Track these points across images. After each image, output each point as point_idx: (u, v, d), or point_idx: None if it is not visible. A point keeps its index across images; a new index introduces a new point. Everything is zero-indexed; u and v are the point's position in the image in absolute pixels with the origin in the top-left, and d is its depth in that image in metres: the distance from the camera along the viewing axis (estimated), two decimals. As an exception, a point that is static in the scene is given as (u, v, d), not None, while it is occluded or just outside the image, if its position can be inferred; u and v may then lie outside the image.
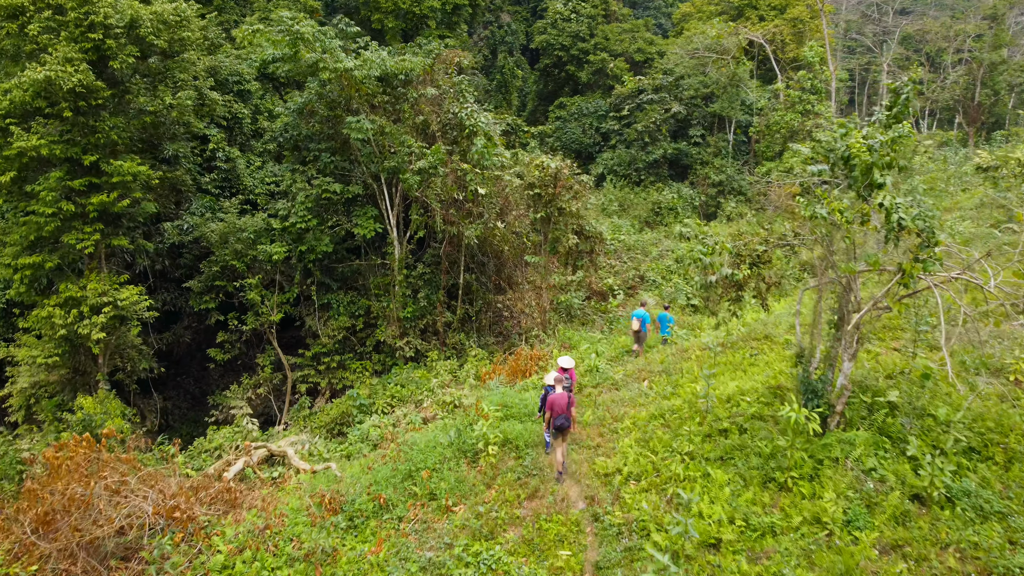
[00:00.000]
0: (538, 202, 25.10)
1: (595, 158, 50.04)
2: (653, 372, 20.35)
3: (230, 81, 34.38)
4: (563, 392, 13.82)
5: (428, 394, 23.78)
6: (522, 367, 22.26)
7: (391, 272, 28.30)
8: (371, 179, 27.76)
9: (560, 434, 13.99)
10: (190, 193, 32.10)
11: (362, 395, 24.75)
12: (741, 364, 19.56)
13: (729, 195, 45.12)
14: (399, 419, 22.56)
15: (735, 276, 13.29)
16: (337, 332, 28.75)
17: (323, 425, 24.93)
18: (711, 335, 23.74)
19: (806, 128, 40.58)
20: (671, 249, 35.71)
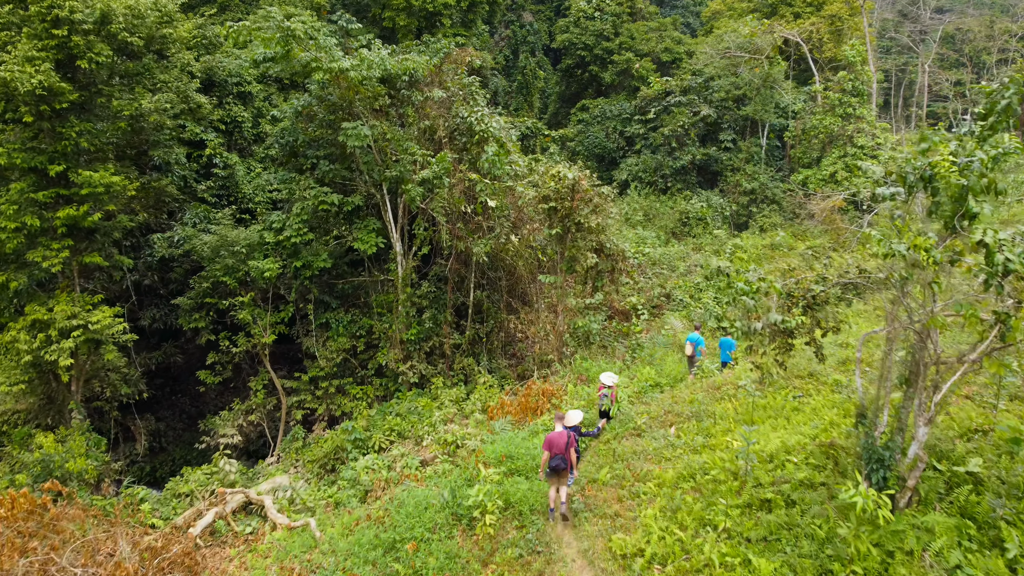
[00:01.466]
0: (553, 216, 22.65)
1: (619, 164, 47.44)
2: (681, 415, 17.81)
3: (229, 83, 32.31)
4: (563, 431, 13.11)
5: (429, 430, 21.43)
6: (532, 404, 19.82)
7: (395, 289, 26.00)
8: (374, 189, 25.48)
9: (556, 475, 13.17)
10: (185, 202, 30.09)
11: (358, 428, 22.47)
12: (783, 410, 16.97)
13: (762, 204, 42.28)
14: (395, 460, 20.25)
15: (786, 324, 10.75)
16: (336, 354, 26.51)
17: (315, 460, 22.69)
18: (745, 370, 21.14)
19: (847, 133, 37.72)
20: (700, 264, 33.05)
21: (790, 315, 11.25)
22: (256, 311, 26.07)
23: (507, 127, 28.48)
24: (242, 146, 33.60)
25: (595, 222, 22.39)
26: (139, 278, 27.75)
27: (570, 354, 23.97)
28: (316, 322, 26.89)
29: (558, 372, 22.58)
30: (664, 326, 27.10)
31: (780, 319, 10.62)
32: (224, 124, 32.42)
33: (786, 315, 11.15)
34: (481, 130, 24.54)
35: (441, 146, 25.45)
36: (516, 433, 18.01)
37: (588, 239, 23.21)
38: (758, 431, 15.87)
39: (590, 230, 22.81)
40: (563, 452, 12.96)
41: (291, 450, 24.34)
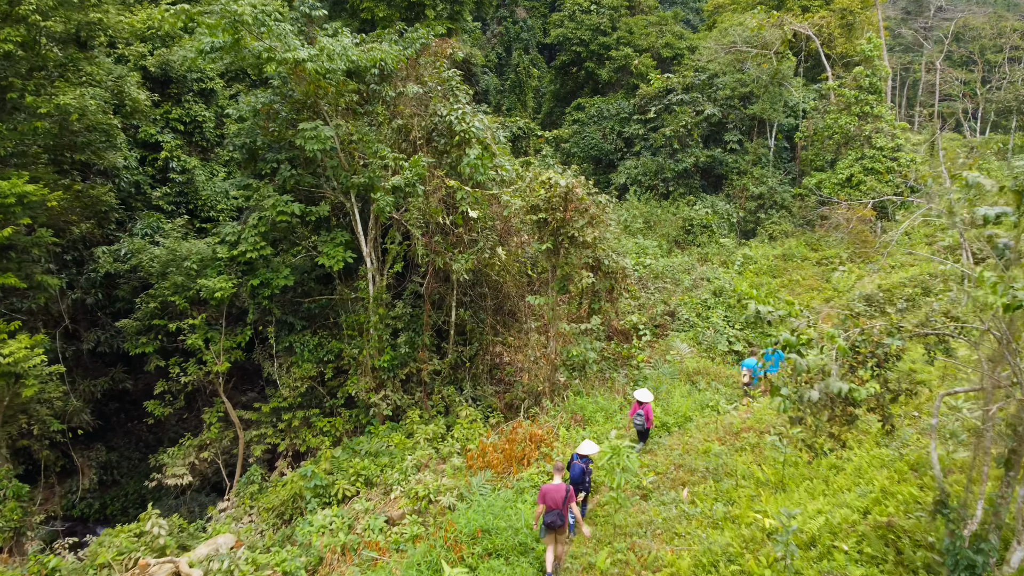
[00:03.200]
0: (543, 229, 19.71)
1: (616, 166, 44.49)
2: (694, 472, 14.87)
3: (188, 79, 29.31)
4: (560, 483, 11.72)
5: (400, 478, 18.47)
6: (518, 452, 16.86)
7: (366, 309, 23.02)
8: (342, 198, 22.51)
9: (552, 532, 11.89)
10: (138, 211, 27.13)
11: (319, 473, 19.50)
12: (819, 467, 14.05)
13: (771, 210, 39.38)
14: (358, 516, 17.29)
15: (854, 395, 7.80)
16: (301, 382, 23.50)
17: (271, 508, 19.79)
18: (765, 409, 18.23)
19: (864, 134, 34.82)
20: (707, 277, 30.10)
21: (855, 377, 8.33)
22: (210, 334, 23.08)
23: (493, 127, 25.53)
24: (204, 148, 30.62)
25: (591, 236, 19.46)
26: (81, 296, 24.71)
27: (563, 385, 21.02)
28: (278, 346, 23.89)
29: (548, 410, 19.61)
30: (669, 350, 24.15)
31: (846, 388, 7.68)
32: (183, 124, 29.43)
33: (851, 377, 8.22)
34: (462, 130, 21.59)
35: (417, 149, 22.49)
36: (497, 493, 15.06)
37: (583, 255, 20.27)
38: (792, 498, 12.97)
39: (585, 244, 19.87)
40: (559, 507, 11.54)
41: (246, 494, 21.38)
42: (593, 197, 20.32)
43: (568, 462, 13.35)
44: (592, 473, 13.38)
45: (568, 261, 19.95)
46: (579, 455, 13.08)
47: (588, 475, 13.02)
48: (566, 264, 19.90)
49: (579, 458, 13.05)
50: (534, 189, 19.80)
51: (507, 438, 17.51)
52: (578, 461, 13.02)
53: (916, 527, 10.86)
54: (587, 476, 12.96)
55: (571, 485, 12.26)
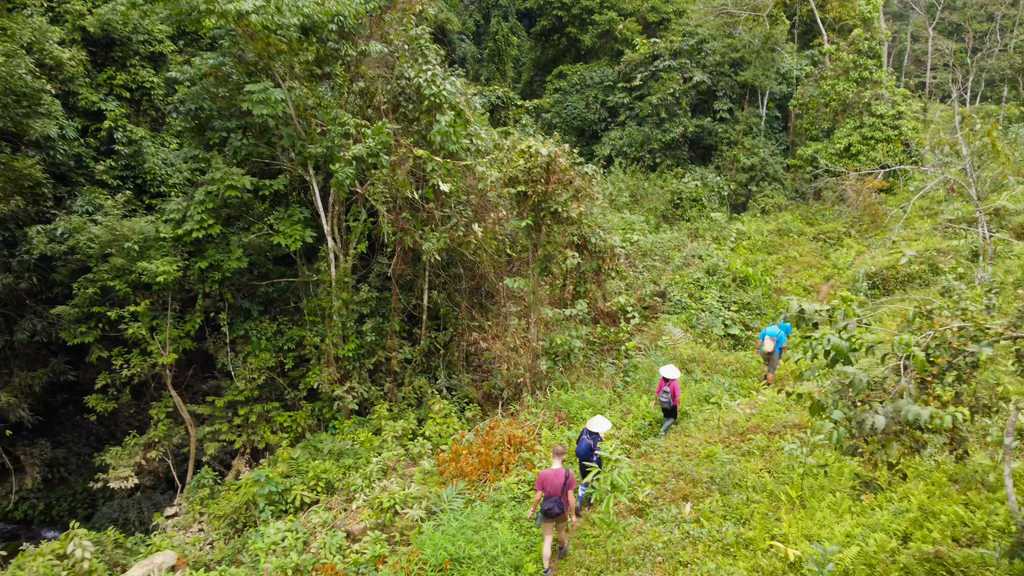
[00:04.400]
0: (523, 203, 17.61)
1: (600, 137, 42.25)
2: (697, 483, 12.96)
3: (134, 41, 26.73)
4: (559, 468, 11.02)
5: (363, 484, 16.48)
6: (495, 457, 14.89)
7: (329, 293, 20.89)
8: (301, 170, 20.27)
9: (549, 520, 11.19)
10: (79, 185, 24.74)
11: (274, 478, 17.47)
12: (838, 479, 12.18)
13: (762, 182, 37.41)
14: (315, 531, 15.32)
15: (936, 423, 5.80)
16: (258, 373, 21.40)
17: (223, 516, 17.76)
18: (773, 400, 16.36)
19: (863, 100, 32.85)
20: (699, 254, 28.15)
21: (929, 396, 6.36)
22: (156, 322, 20.86)
23: (468, 93, 23.31)
24: (154, 118, 28.12)
25: (576, 211, 17.39)
26: (14, 280, 22.34)
27: (545, 375, 19.04)
28: (232, 334, 21.71)
29: (529, 407, 17.62)
30: (661, 335, 22.21)
31: (926, 414, 5.69)
32: (129, 91, 26.90)
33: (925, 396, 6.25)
34: (432, 94, 19.36)
35: (383, 116, 20.25)
36: (470, 510, 13.09)
37: (567, 232, 18.22)
38: (814, 517, 11.11)
39: (570, 221, 17.81)
40: (558, 494, 10.85)
41: (195, 500, 19.33)
42: (578, 168, 18.22)
43: (578, 438, 12.89)
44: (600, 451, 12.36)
45: (550, 239, 17.89)
46: (588, 431, 12.56)
47: (596, 452, 12.23)
48: (548, 243, 17.84)
49: (588, 434, 12.54)
50: (513, 159, 17.67)
51: (483, 440, 15.52)
52: (587, 437, 12.53)
53: (972, 561, 9.04)
54: (595, 453, 12.26)
55: (580, 459, 12.37)
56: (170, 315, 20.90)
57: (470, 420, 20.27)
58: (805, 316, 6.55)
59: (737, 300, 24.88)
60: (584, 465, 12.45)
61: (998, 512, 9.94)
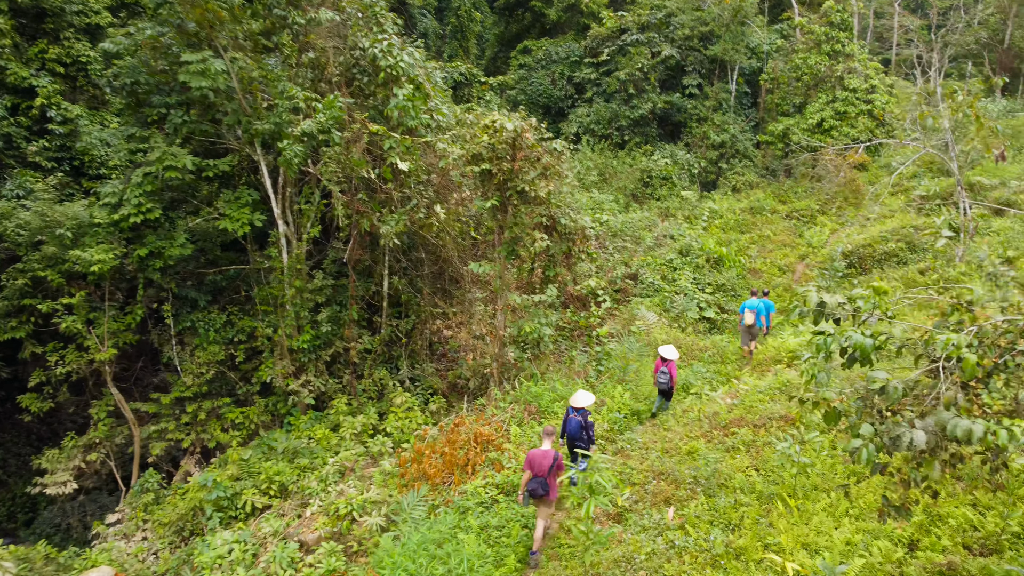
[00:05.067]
0: (488, 182, 16.39)
1: (567, 114, 41.01)
2: (680, 483, 11.96)
3: (67, 11, 24.84)
4: (547, 449, 10.71)
5: (319, 488, 15.28)
6: (461, 458, 13.77)
7: (281, 281, 19.52)
8: (248, 149, 18.80)
9: (535, 502, 10.86)
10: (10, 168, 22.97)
11: (222, 482, 16.20)
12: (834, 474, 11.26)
13: (733, 159, 36.55)
14: (266, 541, 14.11)
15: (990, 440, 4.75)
16: (206, 367, 19.99)
17: (168, 524, 16.47)
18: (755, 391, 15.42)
19: (835, 74, 32.02)
20: (670, 234, 27.18)
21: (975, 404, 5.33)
22: (93, 315, 19.32)
23: (427, 65, 21.95)
24: (92, 95, 26.29)
25: (544, 190, 16.22)
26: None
27: (513, 365, 17.93)
28: (178, 326, 20.24)
29: (497, 400, 16.48)
30: (634, 319, 21.22)
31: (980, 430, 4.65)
32: (63, 66, 25.05)
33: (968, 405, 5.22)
34: (388, 66, 17.98)
35: (335, 89, 18.82)
36: (434, 519, 11.97)
37: (535, 213, 17.05)
38: (809, 522, 10.17)
39: (538, 200, 16.64)
40: (544, 475, 10.51)
41: (140, 505, 17.95)
42: (546, 144, 17.03)
43: (564, 418, 12.32)
44: (594, 426, 12.16)
45: (517, 220, 16.71)
46: (573, 408, 12.03)
47: (589, 428, 11.91)
48: (515, 224, 16.66)
49: (573, 411, 12.02)
50: (476, 135, 16.42)
51: (447, 438, 14.38)
52: (573, 415, 11.99)
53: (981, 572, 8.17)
54: (586, 430, 11.89)
55: (569, 439, 11.93)
56: (108, 307, 19.35)
57: (434, 413, 19.15)
58: (826, 310, 5.48)
59: (711, 281, 23.99)
60: (576, 445, 11.97)
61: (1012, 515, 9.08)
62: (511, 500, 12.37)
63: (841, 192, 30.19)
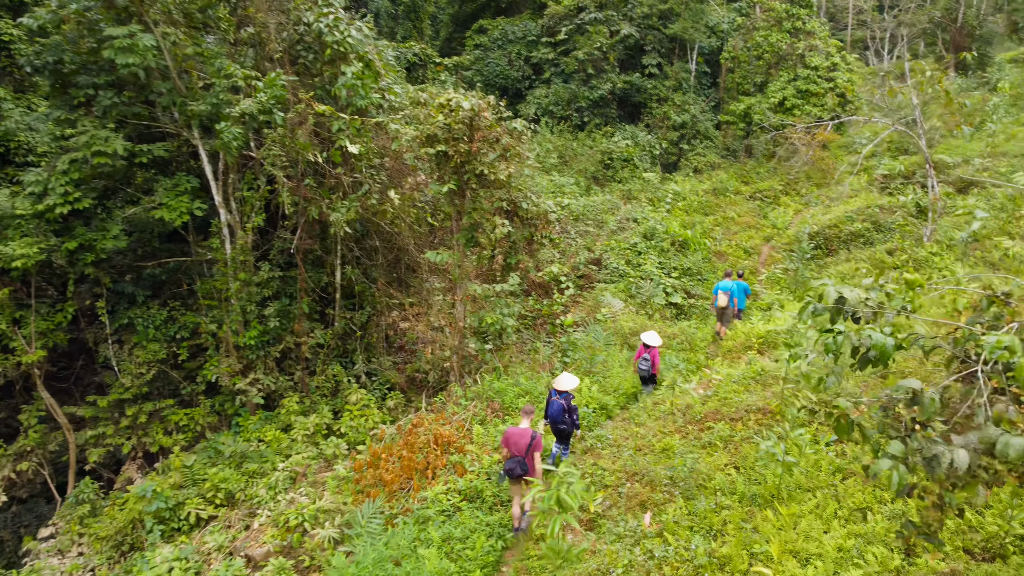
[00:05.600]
0: (444, 165, 15.38)
1: (525, 96, 40.01)
2: (655, 485, 11.19)
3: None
4: (525, 428, 10.53)
5: (268, 496, 14.25)
6: (419, 462, 12.83)
7: (225, 273, 18.29)
8: (186, 132, 17.48)
9: (513, 481, 10.63)
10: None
11: (163, 492, 15.04)
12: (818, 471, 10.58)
13: (694, 140, 35.98)
14: (209, 557, 13.05)
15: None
16: (147, 367, 18.69)
17: (106, 538, 15.28)
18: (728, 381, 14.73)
19: (797, 52, 31.54)
20: (634, 217, 26.45)
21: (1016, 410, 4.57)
22: (20, 313, 17.89)
23: (380, 44, 20.79)
24: (17, 77, 24.51)
25: (505, 173, 15.27)
26: None
27: (474, 357, 17.02)
28: (114, 324, 18.90)
29: (457, 397, 15.53)
30: (599, 306, 20.45)
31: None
32: (-17, 44, 23.30)
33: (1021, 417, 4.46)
34: (335, 41, 16.80)
35: (277, 67, 17.57)
36: (391, 532, 11.03)
37: (495, 197, 16.10)
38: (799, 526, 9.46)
39: (498, 184, 15.69)
40: (522, 454, 10.39)
41: (75, 518, 16.68)
42: (505, 124, 16.07)
43: (546, 400, 12.15)
44: (577, 410, 12.07)
45: (476, 205, 15.74)
46: (556, 391, 11.80)
47: (573, 412, 11.81)
48: (474, 209, 15.69)
49: (556, 394, 11.80)
50: (431, 115, 15.39)
51: (405, 440, 13.42)
52: (556, 398, 11.79)
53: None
54: (570, 414, 11.77)
55: (552, 422, 11.79)
56: (36, 305, 17.93)
57: (392, 409, 18.17)
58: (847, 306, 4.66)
59: (677, 265, 23.32)
60: (559, 429, 11.91)
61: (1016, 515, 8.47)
62: (474, 507, 11.50)
63: (805, 172, 29.76)
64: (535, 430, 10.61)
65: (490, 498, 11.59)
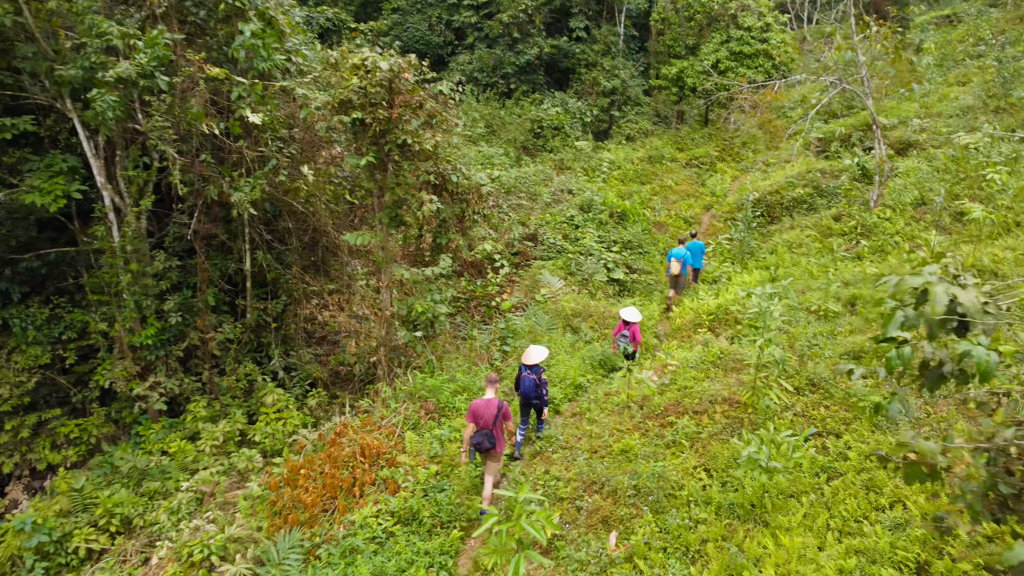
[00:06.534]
0: (362, 135, 13.51)
1: (448, 63, 37.93)
2: (617, 494, 9.79)
3: None
4: (491, 399, 9.89)
5: (171, 522, 12.35)
6: (344, 479, 11.12)
7: (114, 265, 16.02)
8: (58, 102, 15.07)
9: (482, 456, 10.05)
10: None
11: (46, 523, 12.93)
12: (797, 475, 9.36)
13: (624, 106, 34.69)
14: (99, 600, 11.15)
15: None
16: (27, 374, 16.34)
17: (-20, 577, 13.09)
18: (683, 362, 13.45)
19: (729, 12, 30.43)
20: (569, 188, 24.98)
21: None
22: None
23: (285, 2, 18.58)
24: None
25: (431, 142, 13.51)
26: None
27: (403, 350, 15.32)
28: (-16, 327, 16.46)
29: (386, 398, 13.78)
30: (537, 287, 18.96)
31: None
32: None
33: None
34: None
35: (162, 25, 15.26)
36: (312, 569, 9.34)
37: (421, 170, 14.33)
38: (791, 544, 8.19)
39: (424, 155, 13.93)
40: (490, 427, 9.76)
41: (-57, 555, 14.38)
42: (429, 87, 14.28)
43: (516, 377, 11.51)
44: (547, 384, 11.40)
45: (400, 180, 13.95)
46: (526, 365, 11.14)
47: (543, 386, 11.19)
48: (397, 185, 13.89)
49: (526, 369, 11.15)
50: (344, 77, 13.48)
51: (328, 453, 11.68)
52: (527, 373, 11.14)
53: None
54: (542, 388, 11.17)
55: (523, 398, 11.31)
56: None
57: (314, 409, 16.37)
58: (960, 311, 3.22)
59: (617, 238, 22.00)
60: (531, 405, 11.42)
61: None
62: (410, 531, 9.90)
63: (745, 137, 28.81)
64: (501, 400, 9.98)
65: (428, 520, 10.00)
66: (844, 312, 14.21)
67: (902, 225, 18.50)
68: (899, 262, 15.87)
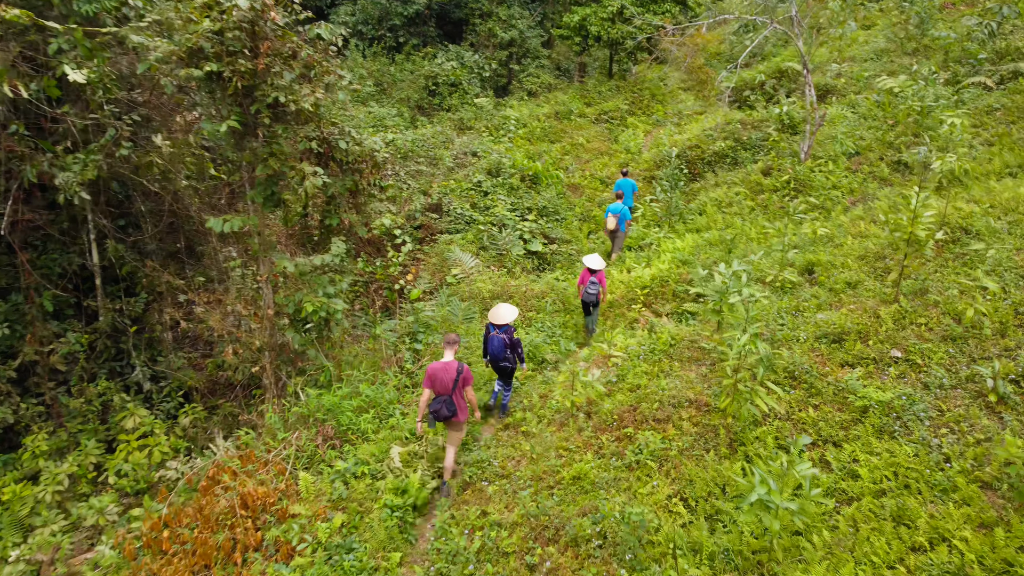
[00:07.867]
0: (221, 93, 10.66)
1: (328, 15, 34.37)
2: (579, 547, 7.67)
3: None
4: (450, 361, 9.02)
5: None
6: (223, 541, 8.56)
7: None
8: None
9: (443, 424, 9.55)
10: None
11: None
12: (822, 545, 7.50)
13: (524, 59, 32.29)
14: None
15: None
16: None
17: None
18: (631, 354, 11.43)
19: (635, -46, 28.32)
20: (474, 151, 22.52)
21: None
22: None
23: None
24: None
25: (310, 100, 10.80)
26: None
27: (290, 355, 12.69)
28: None
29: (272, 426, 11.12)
30: (447, 266, 16.55)
31: None
32: None
33: None
34: (34, -83, 11.29)
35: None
36: None
37: (300, 135, 11.61)
38: None
39: (303, 117, 11.23)
40: (448, 392, 8.85)
41: None
42: (305, 31, 11.53)
43: (484, 336, 10.67)
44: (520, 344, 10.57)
45: (275, 149, 11.19)
46: (494, 325, 10.40)
47: (517, 347, 10.43)
48: (271, 155, 11.14)
49: (495, 328, 10.39)
50: (192, 19, 10.56)
51: (199, 506, 9.05)
52: (495, 332, 10.37)
53: None
54: (513, 349, 10.37)
55: (493, 360, 10.44)
56: None
57: (188, 429, 13.59)
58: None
59: (531, 205, 19.79)
60: (500, 366, 10.52)
61: None
62: (315, 613, 7.52)
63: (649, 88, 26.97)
64: (461, 363, 9.09)
65: (337, 596, 7.63)
66: (803, 282, 12.51)
67: (839, 178, 17.06)
68: (850, 220, 14.34)
